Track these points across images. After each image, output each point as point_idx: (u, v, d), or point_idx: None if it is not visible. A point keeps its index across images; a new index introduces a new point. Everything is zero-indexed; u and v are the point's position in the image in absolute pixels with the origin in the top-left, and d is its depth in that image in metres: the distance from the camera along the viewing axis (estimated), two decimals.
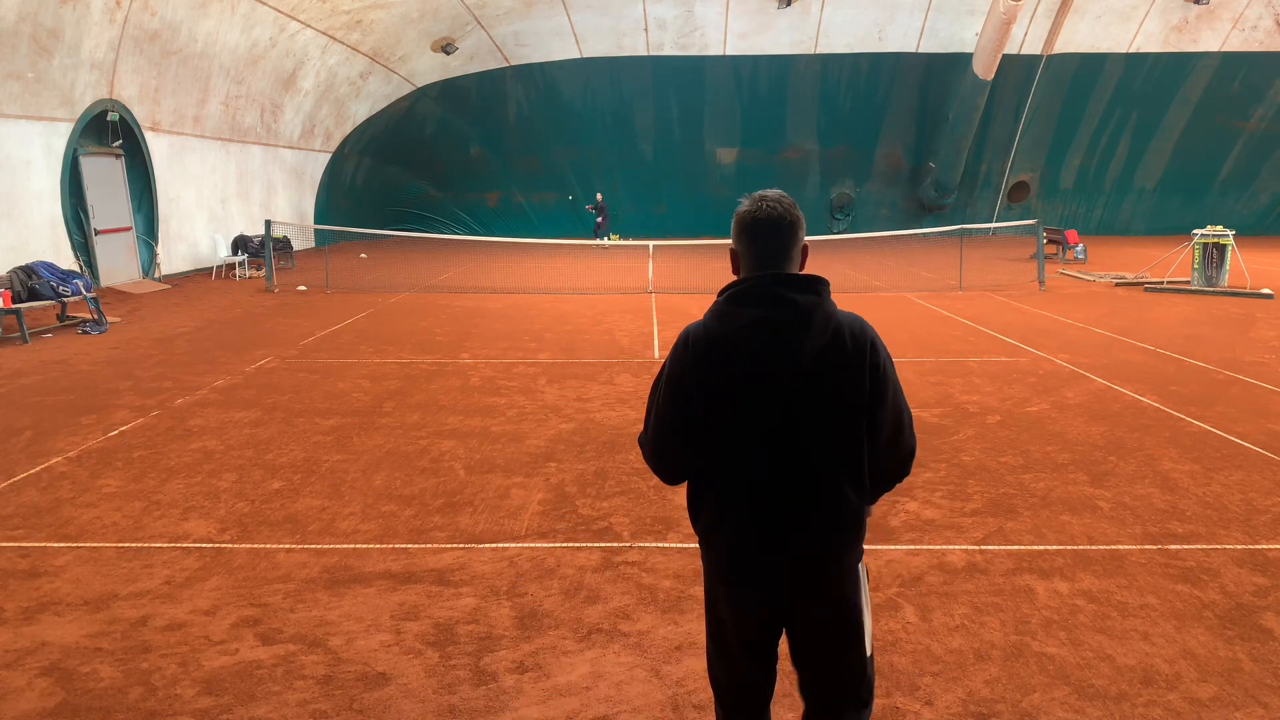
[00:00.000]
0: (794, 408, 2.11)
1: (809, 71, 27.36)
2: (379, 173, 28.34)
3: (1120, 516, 4.94)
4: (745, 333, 2.11)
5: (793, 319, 2.10)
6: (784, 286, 2.12)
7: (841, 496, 2.15)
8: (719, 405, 2.13)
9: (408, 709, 3.17)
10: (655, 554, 4.49)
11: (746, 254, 2.19)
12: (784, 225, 2.15)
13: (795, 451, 2.12)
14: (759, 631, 2.27)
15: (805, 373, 2.10)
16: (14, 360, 9.54)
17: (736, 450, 2.14)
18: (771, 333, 2.10)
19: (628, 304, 13.81)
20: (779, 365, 2.10)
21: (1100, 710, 3.14)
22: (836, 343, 2.11)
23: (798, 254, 2.19)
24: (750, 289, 2.13)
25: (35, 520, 4.96)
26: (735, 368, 2.11)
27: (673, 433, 2.19)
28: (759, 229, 2.16)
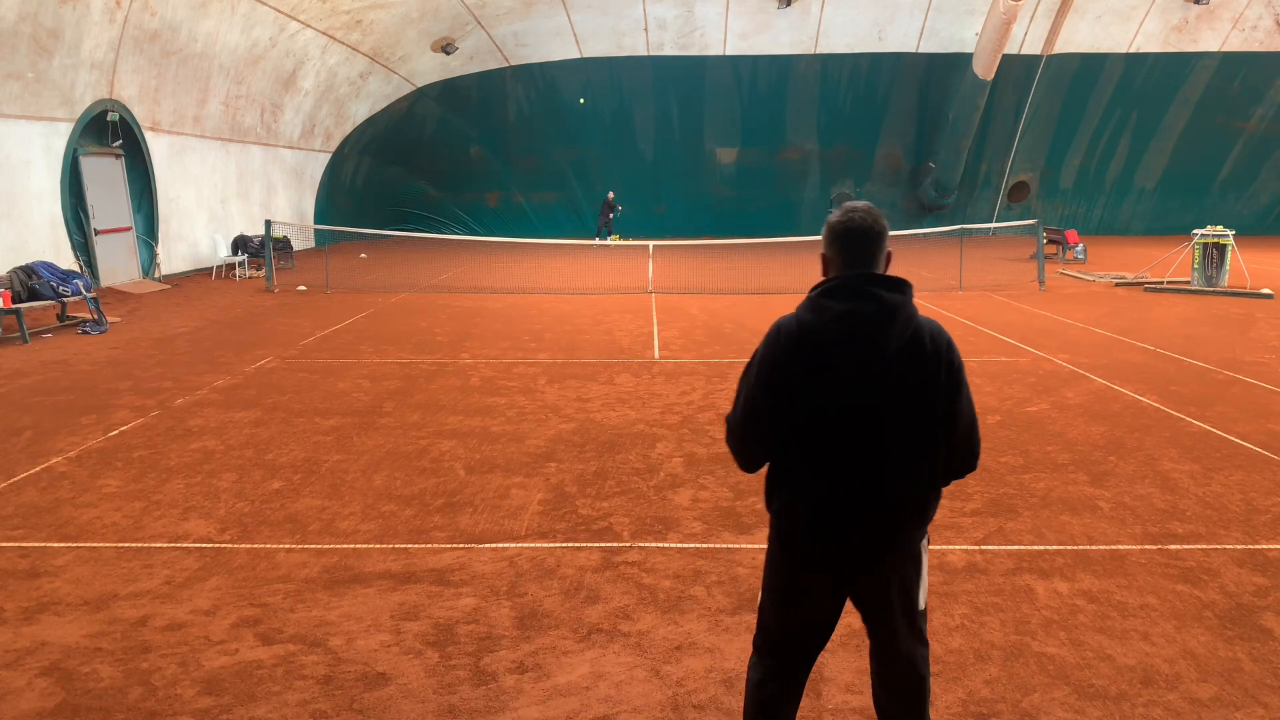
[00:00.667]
0: (875, 397, 2.30)
1: (809, 71, 27.35)
2: (379, 173, 28.33)
3: (1120, 516, 4.94)
4: (834, 324, 2.30)
5: (878, 313, 2.29)
6: (872, 284, 2.31)
7: (914, 484, 2.35)
8: (806, 392, 2.31)
9: (408, 709, 3.17)
10: (655, 554, 4.49)
11: (837, 258, 2.40)
12: (873, 234, 2.37)
13: (873, 439, 2.31)
14: (822, 608, 2.46)
15: (887, 364, 2.29)
16: (14, 360, 9.54)
17: (818, 435, 2.33)
18: (858, 325, 2.29)
19: (628, 304, 13.81)
20: (864, 356, 2.29)
21: (1100, 710, 3.14)
22: (916, 340, 2.31)
23: (883, 260, 2.39)
24: (840, 285, 2.33)
25: (35, 520, 4.96)
26: (823, 357, 2.30)
27: (765, 416, 2.37)
28: (850, 236, 2.37)
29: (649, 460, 6.00)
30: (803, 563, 2.42)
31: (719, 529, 4.81)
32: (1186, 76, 26.92)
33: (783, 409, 2.34)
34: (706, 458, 6.05)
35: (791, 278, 17.29)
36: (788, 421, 2.35)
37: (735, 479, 5.60)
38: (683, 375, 8.65)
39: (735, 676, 3.37)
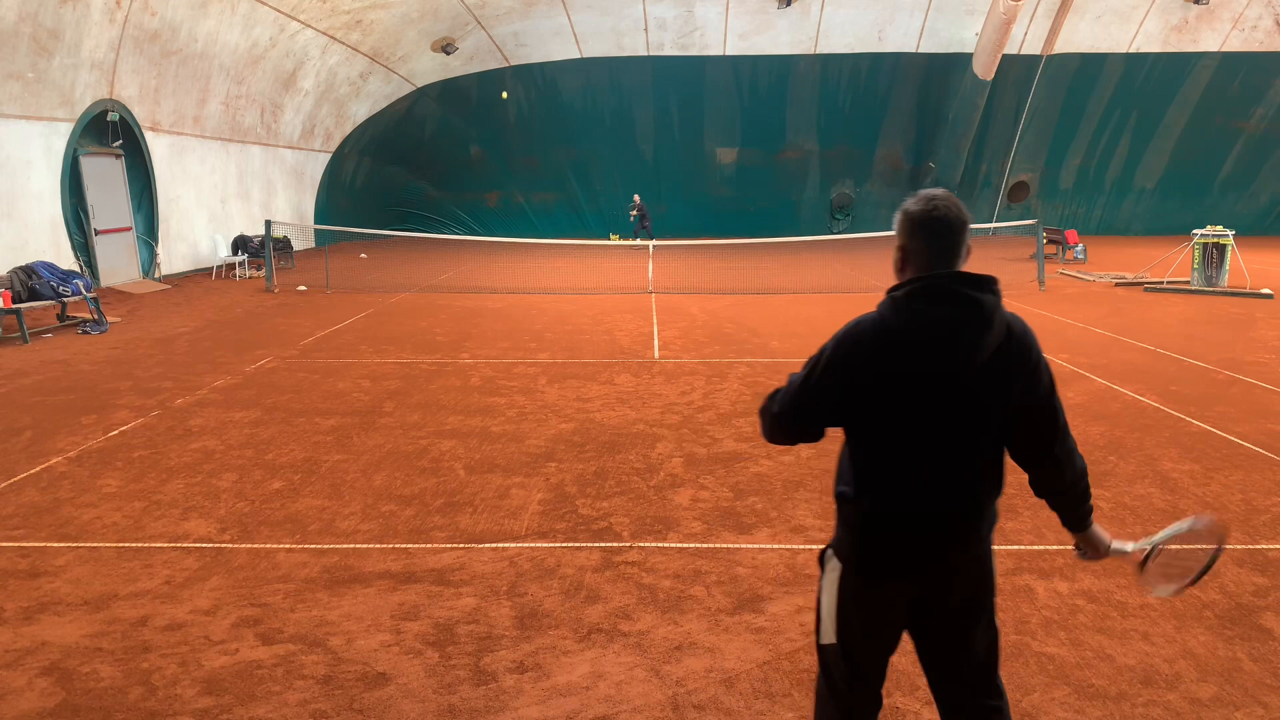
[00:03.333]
0: (965, 405, 2.17)
1: (809, 71, 27.35)
2: (379, 173, 28.33)
3: (1120, 516, 4.94)
4: (929, 329, 2.14)
5: (976, 318, 2.14)
6: (966, 285, 2.15)
7: (997, 493, 2.26)
8: (887, 397, 2.18)
9: (408, 709, 3.17)
10: (655, 554, 4.49)
11: (919, 252, 2.21)
12: (958, 225, 2.19)
13: (961, 448, 2.20)
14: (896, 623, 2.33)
15: (981, 371, 2.16)
16: (14, 360, 9.54)
17: (905, 441, 2.20)
18: (955, 330, 2.14)
19: (628, 304, 13.81)
20: (958, 362, 2.15)
21: (1100, 710, 3.14)
22: (1008, 343, 2.18)
23: (966, 254, 2.23)
24: (931, 287, 2.16)
25: (35, 520, 4.96)
26: (911, 363, 2.15)
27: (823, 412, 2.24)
28: (935, 227, 2.19)
29: (649, 460, 6.00)
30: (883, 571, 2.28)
31: (719, 529, 4.81)
32: (1186, 76, 26.91)
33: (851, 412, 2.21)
34: (706, 458, 6.05)
35: (791, 278, 17.29)
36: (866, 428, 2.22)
37: (735, 479, 5.60)
38: (683, 375, 8.65)
39: (735, 676, 3.37)
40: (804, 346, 10.09)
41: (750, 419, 7.01)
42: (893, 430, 2.21)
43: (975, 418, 2.19)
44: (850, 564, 2.30)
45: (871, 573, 2.29)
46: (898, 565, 2.27)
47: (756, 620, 3.80)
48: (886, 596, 2.30)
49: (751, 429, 6.74)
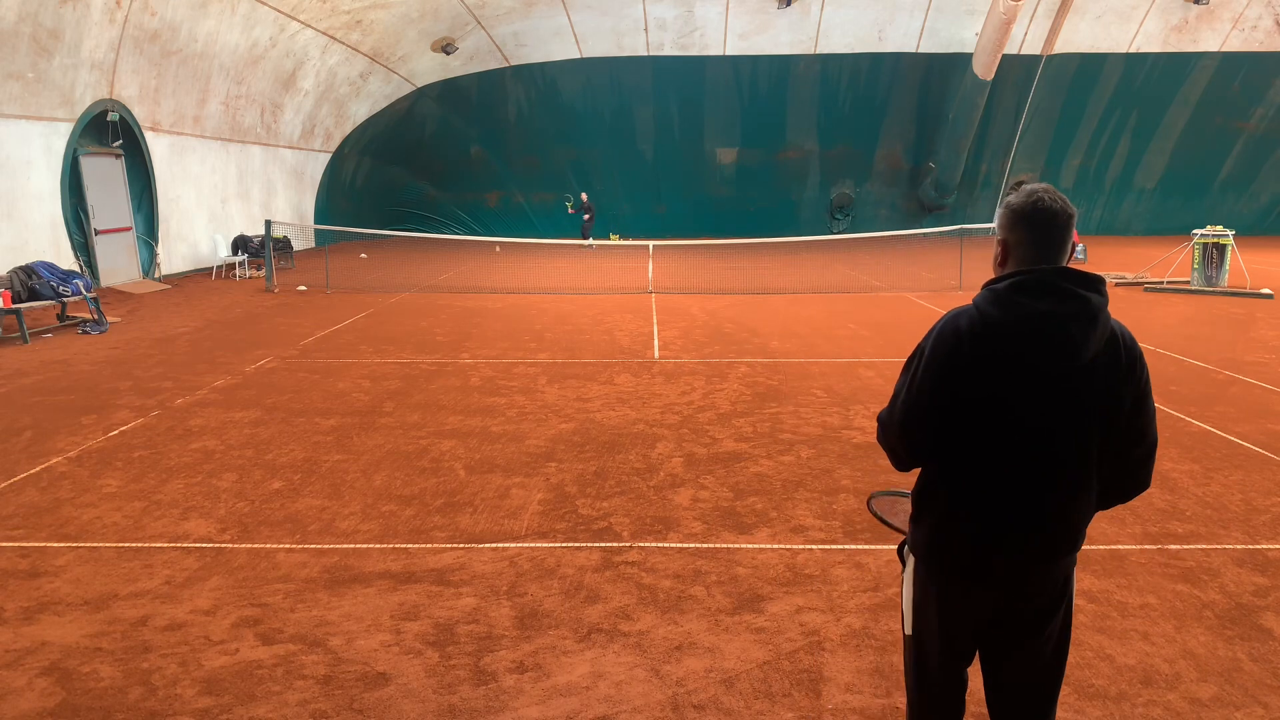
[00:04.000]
0: (1058, 404, 2.08)
1: (809, 71, 27.35)
2: (379, 173, 28.33)
3: (1120, 516, 4.94)
4: (1032, 324, 2.06)
5: (1082, 315, 2.06)
6: (1073, 282, 2.08)
7: (1087, 501, 2.15)
8: (988, 394, 2.09)
9: (408, 709, 3.17)
10: (655, 554, 4.49)
11: (1022, 245, 2.14)
12: (1064, 218, 2.12)
13: (1048, 448, 2.10)
14: (970, 627, 2.25)
15: (1083, 371, 2.07)
16: (14, 360, 9.54)
17: (995, 442, 2.11)
18: (1059, 327, 2.05)
19: (628, 304, 13.81)
20: (1060, 360, 2.06)
21: (1100, 710, 3.14)
22: (1113, 346, 2.10)
23: (1071, 249, 2.17)
24: (1038, 281, 2.08)
25: (35, 520, 4.96)
26: (1015, 358, 2.07)
27: (932, 411, 2.13)
28: (1040, 220, 2.12)
29: (649, 460, 6.00)
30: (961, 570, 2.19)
31: (719, 529, 4.81)
32: (1186, 76, 26.91)
33: (956, 415, 2.11)
34: (706, 458, 6.05)
35: (791, 278, 17.29)
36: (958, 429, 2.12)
37: (735, 479, 5.60)
38: (683, 375, 8.65)
39: (735, 676, 3.37)
40: (804, 347, 10.09)
41: (750, 419, 7.01)
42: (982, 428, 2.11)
43: (1078, 420, 2.09)
44: (925, 559, 2.25)
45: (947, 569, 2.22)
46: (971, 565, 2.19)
47: (756, 620, 3.80)
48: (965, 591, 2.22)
49: (751, 429, 6.74)
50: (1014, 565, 2.16)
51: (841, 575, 4.22)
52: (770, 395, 7.80)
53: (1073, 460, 2.11)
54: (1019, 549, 2.14)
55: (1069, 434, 2.09)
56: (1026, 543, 2.13)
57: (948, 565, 2.21)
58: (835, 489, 5.40)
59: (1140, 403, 2.13)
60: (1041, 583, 2.18)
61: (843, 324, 11.69)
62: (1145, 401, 2.14)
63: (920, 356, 2.18)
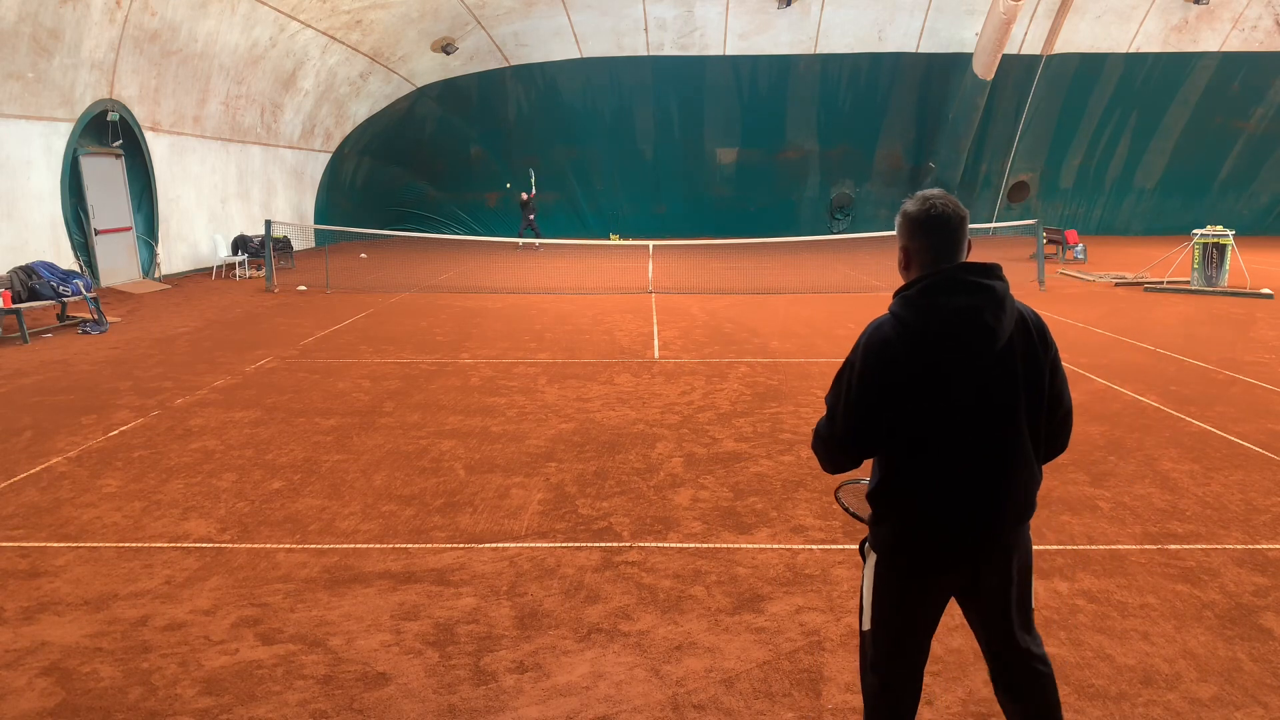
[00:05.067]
0: (991, 388, 2.25)
1: (809, 71, 27.34)
2: (379, 173, 28.32)
3: (1120, 516, 4.94)
4: (951, 320, 2.22)
5: (991, 303, 2.23)
6: (975, 274, 2.26)
7: (1033, 471, 2.33)
8: (923, 392, 2.23)
9: (408, 709, 3.17)
10: (655, 554, 4.49)
11: (922, 250, 2.31)
12: (956, 220, 2.30)
13: (994, 430, 2.26)
14: (936, 607, 2.40)
15: (1002, 354, 2.24)
16: (14, 360, 9.54)
17: (940, 433, 2.25)
18: (976, 317, 2.22)
19: (628, 304, 13.81)
20: (981, 348, 2.23)
21: (1100, 710, 3.14)
22: (1023, 325, 2.29)
23: (966, 248, 2.34)
24: (947, 280, 2.25)
25: (35, 520, 4.96)
26: (939, 356, 2.22)
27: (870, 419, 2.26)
28: (935, 225, 2.29)
29: (649, 460, 6.00)
30: (926, 567, 2.34)
31: (719, 529, 4.81)
32: (1186, 76, 26.91)
33: (898, 420, 2.24)
34: (706, 458, 6.05)
35: (791, 278, 17.29)
36: (903, 432, 2.25)
37: (735, 479, 5.61)
38: (683, 375, 8.65)
39: (735, 676, 3.37)
40: (804, 346, 10.09)
41: (750, 418, 7.01)
42: (929, 426, 2.24)
43: (1009, 398, 2.25)
44: (888, 557, 2.37)
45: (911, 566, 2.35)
46: (939, 560, 2.32)
47: (756, 620, 3.80)
48: (926, 586, 2.36)
49: (751, 429, 6.74)
50: (976, 546, 2.31)
51: (841, 575, 4.22)
52: (770, 395, 7.81)
53: (1015, 435, 2.28)
54: (981, 530, 2.29)
55: (1006, 412, 2.26)
56: (989, 524, 2.29)
57: (912, 562, 2.35)
58: (835, 489, 5.40)
59: (1055, 370, 2.34)
60: (1004, 553, 2.34)
61: (843, 324, 11.69)
62: (1059, 369, 2.36)
63: (851, 369, 2.30)
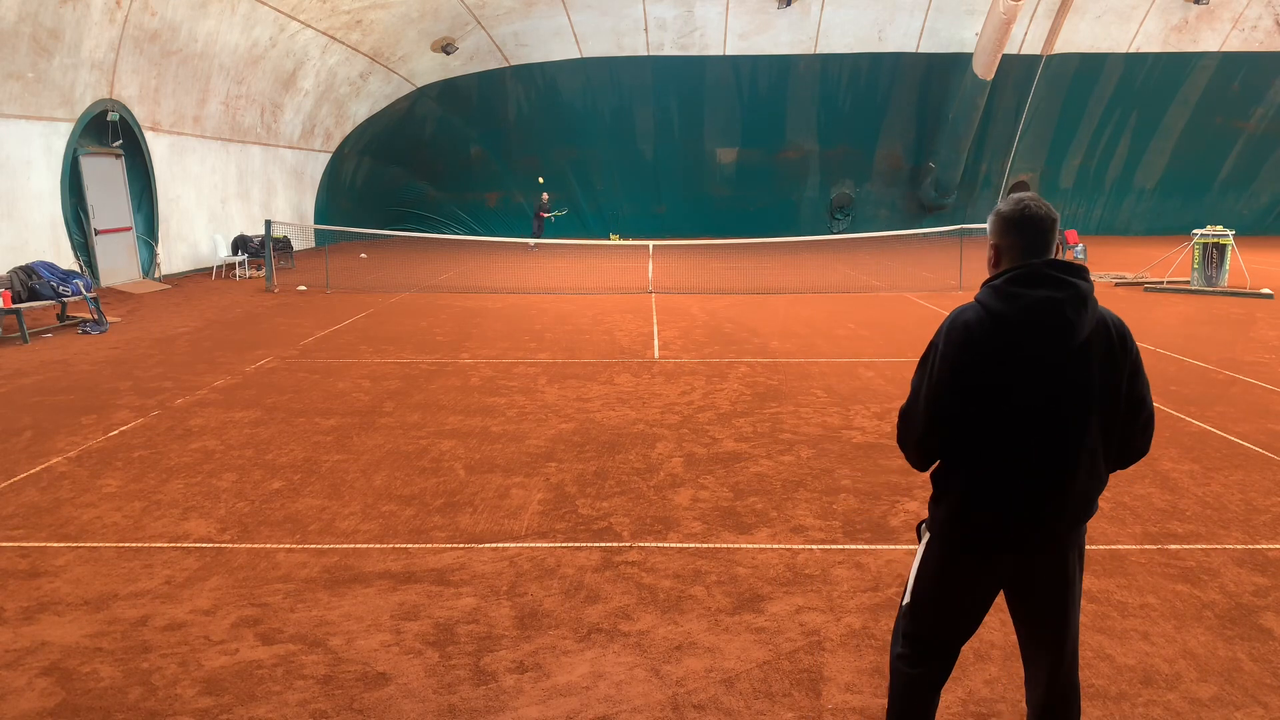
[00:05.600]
0: (1067, 384, 2.28)
1: (809, 71, 27.34)
2: (379, 173, 28.33)
3: (1120, 516, 4.94)
4: (1032, 311, 2.25)
5: (1074, 299, 2.26)
6: (1062, 270, 2.29)
7: (1098, 472, 2.35)
8: (999, 383, 2.28)
9: (408, 709, 3.17)
10: (655, 554, 4.49)
11: (1013, 247, 2.36)
12: (1048, 221, 2.35)
13: (1064, 426, 2.28)
14: (983, 590, 2.44)
15: (1079, 350, 2.27)
16: (14, 360, 9.53)
17: (1008, 418, 2.29)
18: (1056, 310, 2.25)
19: (628, 304, 13.81)
20: (1060, 340, 2.26)
21: (1100, 710, 3.14)
22: (1103, 326, 2.31)
23: (1056, 249, 2.40)
24: (1031, 272, 2.29)
25: (35, 520, 4.96)
26: (1020, 345, 2.27)
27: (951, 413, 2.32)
28: (1028, 224, 2.35)
29: (649, 460, 6.00)
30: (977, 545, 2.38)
31: (719, 529, 4.81)
32: (1186, 76, 26.91)
33: (971, 403, 2.30)
34: (706, 458, 6.05)
35: (792, 278, 17.29)
36: (975, 414, 2.30)
37: (735, 479, 5.61)
38: (683, 375, 8.65)
39: (735, 676, 3.37)
40: (804, 347, 10.09)
41: (750, 418, 7.01)
42: (999, 410, 2.29)
43: (1083, 397, 2.28)
44: (941, 534, 2.43)
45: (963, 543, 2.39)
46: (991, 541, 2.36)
47: (756, 620, 3.80)
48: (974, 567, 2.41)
49: (751, 429, 6.74)
50: (1030, 535, 2.34)
51: (841, 575, 4.22)
52: (770, 395, 7.80)
53: (1082, 435, 2.30)
54: (1039, 523, 2.32)
55: (1076, 410, 2.28)
56: (1044, 515, 2.32)
57: (964, 542, 2.40)
58: (835, 489, 5.40)
59: (1135, 374, 2.35)
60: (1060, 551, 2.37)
61: (843, 324, 11.69)
62: (1140, 372, 2.36)
63: (935, 351, 2.37)
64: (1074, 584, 2.41)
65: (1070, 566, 2.39)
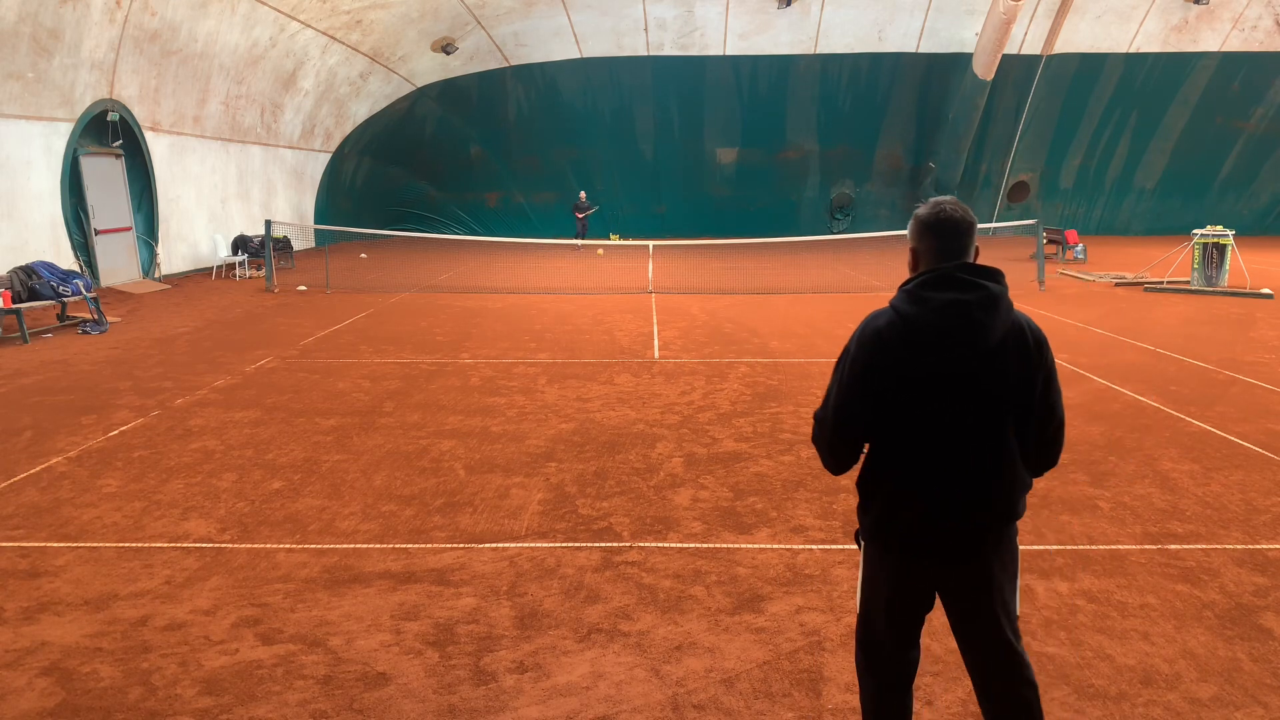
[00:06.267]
0: (981, 387, 2.30)
1: (809, 71, 27.34)
2: (379, 173, 28.32)
3: (1120, 516, 4.94)
4: (939, 314, 2.28)
5: (984, 301, 2.29)
6: (973, 273, 2.33)
7: (1018, 474, 2.36)
8: (912, 384, 2.30)
9: (408, 709, 3.17)
10: (655, 554, 4.49)
11: (929, 251, 2.39)
12: (964, 225, 2.37)
13: (980, 429, 2.30)
14: (920, 593, 2.45)
15: (993, 354, 2.29)
16: (14, 360, 9.53)
17: (924, 426, 2.31)
18: (965, 313, 2.28)
19: (628, 304, 13.81)
20: (971, 345, 2.28)
21: (1100, 710, 3.14)
22: (1018, 330, 2.32)
23: (973, 253, 2.41)
24: (942, 276, 2.32)
25: (35, 520, 4.96)
26: (930, 349, 2.29)
27: (863, 403, 2.34)
28: (943, 228, 2.37)
29: (649, 460, 6.00)
30: (907, 548, 2.39)
31: (719, 529, 4.81)
32: (1186, 76, 26.91)
33: (884, 407, 2.32)
34: (706, 458, 6.05)
35: (792, 278, 17.29)
36: (890, 419, 2.32)
37: (735, 479, 5.61)
38: (683, 375, 8.65)
39: (735, 676, 3.37)
40: (804, 346, 10.09)
41: (750, 419, 7.01)
42: (913, 413, 2.31)
43: (998, 399, 2.30)
44: (873, 540, 2.46)
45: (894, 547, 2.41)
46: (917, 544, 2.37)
47: (756, 620, 3.80)
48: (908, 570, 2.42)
49: (751, 429, 6.74)
50: (957, 537, 2.35)
51: (841, 575, 4.22)
52: (770, 395, 7.80)
53: (999, 436, 2.31)
54: (961, 524, 2.34)
55: (991, 413, 2.30)
56: (966, 518, 2.33)
57: (894, 544, 2.41)
58: (835, 489, 5.40)
59: (1049, 381, 2.35)
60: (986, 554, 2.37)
61: (843, 324, 11.69)
62: (1053, 382, 2.37)
63: (847, 356, 2.39)
64: (1001, 589, 2.39)
65: (994, 573, 2.37)
